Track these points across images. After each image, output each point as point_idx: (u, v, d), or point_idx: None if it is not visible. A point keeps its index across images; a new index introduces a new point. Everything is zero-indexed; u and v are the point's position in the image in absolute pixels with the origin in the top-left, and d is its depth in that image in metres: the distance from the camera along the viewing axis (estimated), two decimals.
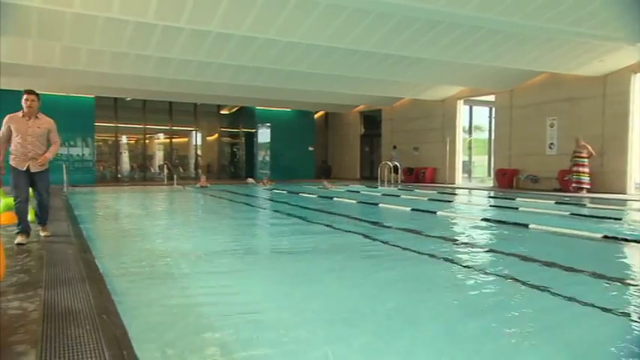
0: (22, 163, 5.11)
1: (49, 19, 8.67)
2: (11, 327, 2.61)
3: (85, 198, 11.82)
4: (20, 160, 5.11)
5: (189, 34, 9.71)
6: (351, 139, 22.88)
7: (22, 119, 5.14)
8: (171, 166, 18.78)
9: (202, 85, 15.28)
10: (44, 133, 5.24)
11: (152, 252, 5.20)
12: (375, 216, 8.54)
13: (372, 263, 4.79)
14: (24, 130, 5.10)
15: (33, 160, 5.15)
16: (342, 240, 6.07)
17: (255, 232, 7.12)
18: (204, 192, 14.23)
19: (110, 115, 19.10)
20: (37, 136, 5.17)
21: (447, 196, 12.73)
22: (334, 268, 4.54)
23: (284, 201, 11.18)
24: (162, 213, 9.92)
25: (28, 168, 5.13)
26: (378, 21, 9.11)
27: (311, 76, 13.87)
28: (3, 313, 2.84)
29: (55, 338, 2.47)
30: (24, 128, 5.10)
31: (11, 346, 2.35)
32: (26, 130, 5.11)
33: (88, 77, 13.92)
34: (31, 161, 5.15)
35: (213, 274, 4.22)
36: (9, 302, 3.04)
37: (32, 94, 5.16)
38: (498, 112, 16.39)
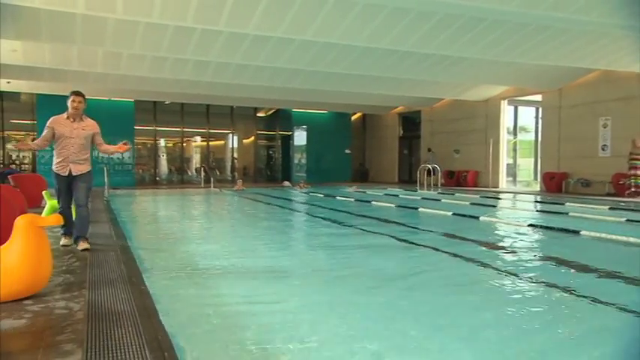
0: (63, 168, 5.01)
1: (92, 25, 9.07)
2: (58, 326, 2.74)
3: (125, 200, 12.26)
4: (62, 164, 5.01)
5: (227, 37, 9.92)
6: (389, 141, 22.69)
7: (67, 121, 5.04)
8: (208, 169, 19.20)
9: (239, 88, 15.57)
10: (88, 136, 5.12)
11: (191, 255, 5.33)
12: (415, 220, 8.43)
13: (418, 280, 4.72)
14: (68, 132, 4.99)
15: (76, 163, 5.03)
16: (379, 242, 6.03)
17: (294, 237, 7.16)
18: (240, 195, 14.47)
19: (149, 118, 19.74)
20: (81, 139, 5.06)
21: (490, 200, 12.41)
22: (377, 279, 4.50)
23: (321, 205, 11.21)
24: (201, 216, 10.15)
25: (70, 172, 5.01)
26: (418, 20, 9.02)
27: (348, 77, 13.88)
28: (50, 312, 2.98)
29: (99, 338, 2.57)
30: (68, 130, 5.00)
31: (59, 344, 2.46)
32: (70, 133, 5.00)
33: (128, 81, 14.47)
34: (73, 164, 5.02)
35: (253, 280, 4.27)
36: (56, 302, 3.20)
37: (79, 95, 5.06)
38: (546, 112, 15.85)
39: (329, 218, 8.56)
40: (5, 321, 2.81)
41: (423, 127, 20.64)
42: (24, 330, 2.70)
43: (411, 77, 13.62)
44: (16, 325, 2.75)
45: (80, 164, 5.07)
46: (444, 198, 12.81)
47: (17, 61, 11.52)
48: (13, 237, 3.26)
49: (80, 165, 5.07)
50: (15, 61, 11.48)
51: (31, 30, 9.01)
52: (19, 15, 8.31)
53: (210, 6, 8.18)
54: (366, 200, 12.08)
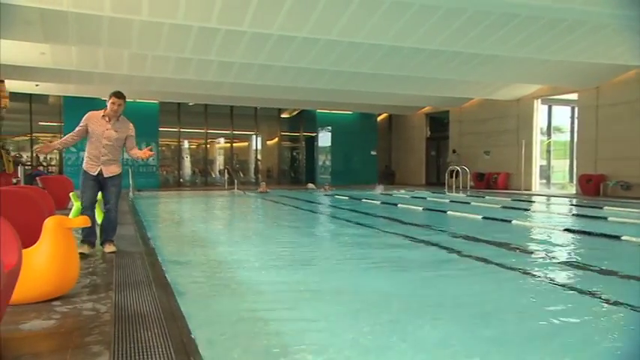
0: (93, 167, 4.89)
1: (118, 27, 9.30)
2: (86, 327, 2.81)
3: (150, 202, 12.52)
4: (93, 164, 4.90)
5: (251, 37, 10.03)
6: (416, 142, 22.50)
7: (102, 120, 4.90)
8: (231, 171, 19.42)
9: (263, 89, 15.70)
10: (122, 138, 4.98)
11: (216, 258, 5.41)
12: (444, 224, 8.33)
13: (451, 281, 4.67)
14: (100, 131, 4.87)
15: (106, 164, 4.92)
16: (413, 251, 5.98)
17: (321, 243, 7.15)
18: (264, 197, 14.58)
19: (173, 120, 20.10)
20: (114, 140, 4.92)
21: (522, 203, 12.16)
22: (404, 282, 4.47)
23: (346, 207, 11.20)
24: (225, 219, 10.28)
25: (100, 173, 4.90)
26: (447, 17, 8.92)
27: (374, 77, 13.83)
28: (78, 314, 3.07)
29: (126, 340, 2.62)
30: (100, 130, 4.87)
31: (87, 346, 2.53)
32: (102, 132, 4.87)
33: (152, 83, 14.78)
34: (104, 165, 4.91)
35: (278, 286, 4.29)
36: (83, 303, 3.28)
37: (120, 97, 4.89)
38: (582, 112, 15.44)
39: (358, 222, 8.54)
40: (35, 321, 2.91)
41: (452, 127, 20.39)
42: (53, 331, 2.78)
43: (439, 77, 13.49)
44: (46, 326, 2.84)
45: (111, 165, 4.96)
46: (474, 201, 12.62)
47: (46, 64, 11.92)
48: (42, 238, 3.36)
49: (111, 166, 4.96)
50: (43, 63, 11.88)
51: (59, 33, 9.30)
52: (47, 18, 8.59)
53: (235, 6, 8.28)
54: (393, 203, 12.00)
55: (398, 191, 16.04)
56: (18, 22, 8.71)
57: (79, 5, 7.98)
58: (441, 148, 21.40)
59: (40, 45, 10.51)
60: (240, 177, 20.82)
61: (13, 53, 11.27)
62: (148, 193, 15.52)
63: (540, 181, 17.34)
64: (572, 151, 16.87)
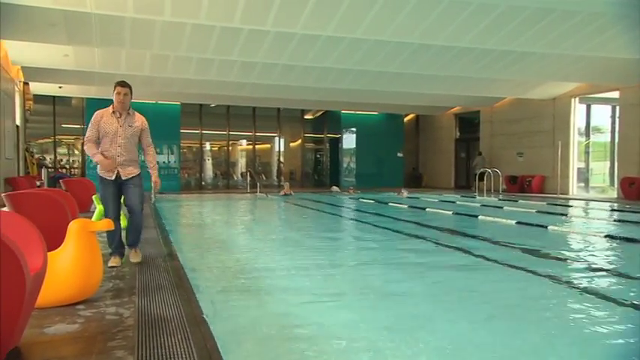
0: (110, 171, 4.62)
1: (140, 28, 9.51)
2: (110, 332, 2.88)
3: (172, 205, 12.72)
4: (108, 166, 4.62)
5: (274, 37, 10.11)
6: (445, 143, 22.28)
7: (112, 116, 4.62)
8: (254, 173, 19.59)
9: (286, 89, 15.81)
10: (136, 134, 4.72)
11: (239, 262, 5.46)
12: (474, 229, 8.22)
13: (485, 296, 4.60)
14: (113, 129, 4.58)
15: (124, 165, 4.64)
16: (443, 258, 5.92)
17: (347, 248, 7.15)
18: (287, 200, 14.66)
19: (195, 121, 20.40)
20: (129, 137, 4.65)
21: (559, 208, 11.90)
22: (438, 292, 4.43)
23: (372, 211, 11.16)
24: (248, 222, 10.37)
25: (118, 176, 4.63)
26: (478, 13, 8.82)
27: (401, 76, 13.77)
28: (102, 318, 3.14)
29: (149, 345, 2.67)
30: (114, 128, 4.59)
31: (111, 350, 2.59)
32: (116, 130, 4.59)
33: (174, 84, 15.05)
34: (121, 167, 4.63)
35: (303, 291, 4.30)
36: (107, 307, 3.36)
37: (125, 85, 4.66)
38: (624, 111, 15.02)
39: (384, 227, 8.50)
40: (59, 325, 2.99)
41: (482, 128, 20.11)
42: (77, 335, 2.85)
43: (469, 75, 13.32)
44: (70, 330, 2.92)
45: (129, 166, 4.67)
46: (507, 205, 12.41)
47: (69, 66, 12.27)
48: (66, 241, 3.45)
49: (129, 167, 4.67)
50: (67, 65, 12.23)
51: (82, 34, 9.56)
52: (71, 20, 8.84)
53: (258, 6, 8.37)
54: (421, 207, 11.91)
55: (403, 195, 15.87)
56: (42, 25, 9.00)
57: (102, 6, 8.19)
58: (471, 150, 21.12)
59: (63, 47, 10.82)
60: (262, 180, 20.97)
61: (37, 56, 11.67)
62: (169, 196, 15.78)
63: (578, 185, 16.92)
64: (613, 153, 16.43)
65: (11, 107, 12.36)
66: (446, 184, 21.61)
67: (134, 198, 4.72)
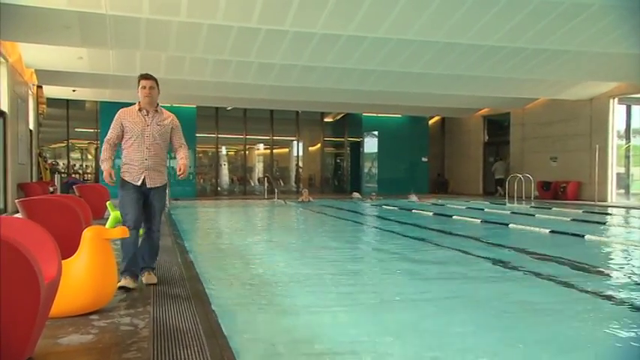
0: (136, 176, 4.21)
1: (156, 29, 9.66)
2: (124, 343, 2.91)
3: (187, 212, 12.86)
4: (135, 171, 4.22)
5: (293, 37, 10.16)
6: (473, 147, 22.05)
7: (139, 114, 4.28)
8: (271, 179, 19.67)
9: (305, 92, 15.87)
10: (167, 132, 4.36)
11: (257, 272, 5.48)
12: (504, 238, 8.10)
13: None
14: (141, 128, 4.23)
15: (151, 171, 4.25)
16: (471, 268, 5.85)
17: (368, 258, 7.11)
18: (306, 207, 14.67)
19: (211, 125, 20.61)
20: (158, 137, 4.29)
21: (596, 216, 11.65)
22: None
23: (395, 219, 11.09)
24: (266, 230, 10.42)
25: (144, 182, 4.23)
26: (508, 10, 8.73)
27: (425, 77, 13.69)
28: (116, 329, 3.18)
29: (165, 358, 2.70)
30: (141, 127, 4.23)
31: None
32: (144, 129, 4.23)
33: (190, 86, 15.23)
34: (148, 173, 4.23)
35: (323, 302, 4.29)
36: (121, 318, 3.40)
37: (150, 78, 4.30)
38: None
39: (407, 235, 8.44)
40: (73, 336, 3.03)
41: (513, 131, 19.85)
42: (91, 346, 2.89)
43: (499, 75, 13.17)
44: (84, 341, 2.96)
45: (157, 173, 4.30)
46: (539, 212, 12.22)
47: (83, 69, 12.53)
48: (80, 249, 3.51)
49: (156, 174, 4.30)
50: (81, 68, 12.49)
51: (97, 36, 9.76)
52: (85, 21, 9.03)
53: (276, 5, 8.44)
54: (447, 214, 11.80)
55: (418, 200, 15.74)
56: (56, 27, 9.21)
57: (117, 7, 8.36)
58: (501, 154, 20.87)
59: (77, 49, 11.07)
60: (280, 185, 21.04)
61: (51, 58, 11.95)
62: (184, 202, 15.95)
63: (617, 191, 16.53)
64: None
65: (25, 111, 12.67)
66: (473, 191, 21.37)
67: (156, 212, 4.34)
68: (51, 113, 17.19)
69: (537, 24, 9.20)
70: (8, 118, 10.56)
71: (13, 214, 9.27)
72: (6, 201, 10.35)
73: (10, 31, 9.34)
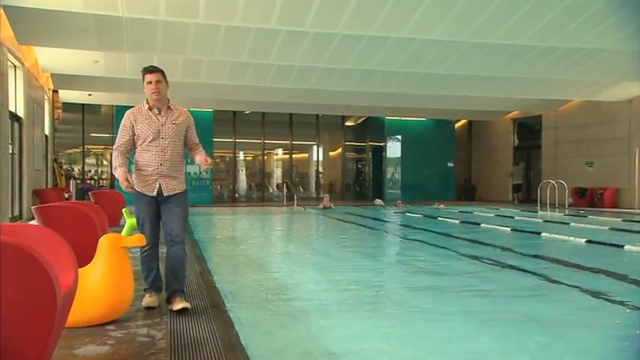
0: (150, 184, 3.90)
1: (173, 32, 9.81)
2: (141, 355, 2.95)
3: (204, 219, 12.97)
4: (148, 179, 3.90)
5: (313, 38, 10.20)
6: (502, 152, 21.80)
7: (149, 114, 3.96)
8: (290, 185, 19.73)
9: (325, 94, 15.91)
10: (182, 132, 4.04)
11: (277, 282, 5.49)
12: (537, 248, 7.97)
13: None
14: (153, 129, 3.90)
15: (168, 177, 3.92)
16: (500, 280, 5.77)
17: (392, 269, 7.06)
18: (327, 214, 14.67)
19: (228, 129, 20.80)
20: (173, 138, 3.96)
21: (636, 225, 11.38)
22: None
23: (420, 227, 11.00)
24: (285, 238, 10.44)
25: (160, 191, 3.91)
26: (540, 7, 8.63)
27: (451, 78, 13.60)
28: (133, 340, 3.22)
29: None
30: (153, 128, 3.91)
31: None
32: (157, 131, 3.91)
33: (207, 90, 15.41)
34: (164, 180, 3.91)
35: (340, 317, 4.27)
36: (138, 328, 3.44)
37: (155, 71, 3.98)
38: None
39: (433, 244, 8.38)
40: (89, 347, 3.08)
41: (545, 135, 19.57)
42: (107, 357, 2.93)
43: (530, 76, 13.02)
44: (100, 352, 3.00)
45: (174, 179, 3.97)
46: (574, 221, 12.00)
47: (99, 73, 12.79)
48: (96, 258, 3.57)
49: (173, 180, 3.97)
50: (97, 72, 12.75)
51: (113, 39, 9.96)
52: (102, 24, 9.22)
53: (296, 5, 8.49)
54: (474, 222, 11.67)
55: (442, 207, 15.57)
56: (72, 30, 9.42)
57: (134, 10, 8.51)
58: (532, 159, 20.60)
59: (93, 53, 11.30)
60: (299, 192, 21.09)
61: (67, 62, 12.22)
62: (201, 209, 16.09)
63: None
64: None
65: (41, 116, 12.97)
66: (502, 197, 21.10)
67: (176, 222, 3.91)
68: (66, 118, 17.56)
69: (571, 22, 9.08)
70: (24, 123, 10.82)
71: (28, 220, 9.48)
72: (21, 207, 10.59)
73: (26, 35, 9.61)
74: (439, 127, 22.23)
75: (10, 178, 9.69)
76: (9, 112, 9.39)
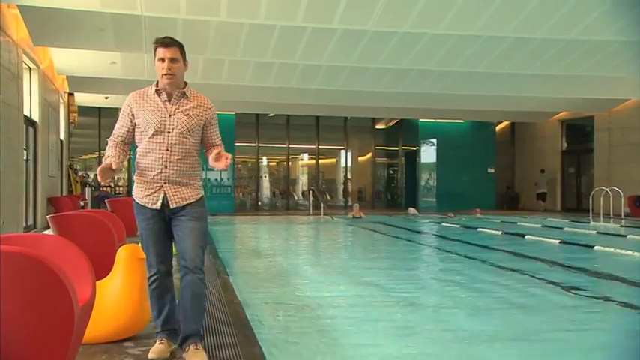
0: (153, 194, 3.19)
1: (193, 31, 9.97)
2: None
3: (226, 229, 13.08)
4: (149, 187, 3.21)
5: (341, 35, 10.24)
6: (548, 157, 21.43)
7: (155, 99, 3.28)
8: (317, 192, 19.75)
9: (354, 96, 15.92)
10: (196, 128, 3.25)
11: (302, 299, 5.49)
12: (590, 263, 7.79)
13: None
14: (156, 121, 3.19)
15: (174, 185, 3.19)
16: (548, 298, 5.66)
17: (428, 285, 6.97)
18: (356, 224, 14.62)
19: (251, 133, 20.94)
20: (183, 133, 3.20)
21: None
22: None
23: (459, 239, 10.88)
24: (312, 250, 10.45)
25: (165, 203, 3.18)
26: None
27: (492, 77, 13.48)
28: None
29: None
30: (156, 118, 3.20)
31: None
32: (161, 122, 3.19)
33: (228, 92, 15.58)
34: (170, 187, 3.18)
35: (370, 336, 4.25)
36: None
37: (172, 45, 3.23)
38: None
39: (471, 257, 8.27)
40: None
41: (597, 137, 19.16)
42: None
43: (580, 73, 12.79)
44: None
45: (184, 185, 3.23)
46: (632, 233, 11.69)
47: (116, 74, 13.07)
48: (114, 270, 3.62)
49: (183, 188, 3.22)
50: (114, 74, 13.03)
51: (131, 39, 10.18)
52: (120, 24, 9.44)
53: (324, 1, 8.53)
54: (519, 234, 11.49)
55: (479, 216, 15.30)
56: (90, 30, 9.68)
57: (153, 8, 8.69)
58: (582, 165, 20.20)
59: (111, 54, 11.56)
60: (326, 200, 21.09)
61: (83, 64, 12.54)
62: (222, 217, 16.23)
63: None
64: None
65: (56, 120, 13.31)
66: (549, 206, 20.71)
67: (190, 242, 3.17)
68: (82, 122, 17.95)
69: (627, 13, 8.88)
70: (39, 128, 11.12)
71: (43, 230, 9.72)
72: (36, 216, 10.85)
73: (42, 35, 9.90)
74: (478, 129, 22.01)
75: (25, 186, 9.95)
76: (24, 117, 9.67)
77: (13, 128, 8.78)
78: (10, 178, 8.57)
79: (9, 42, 8.53)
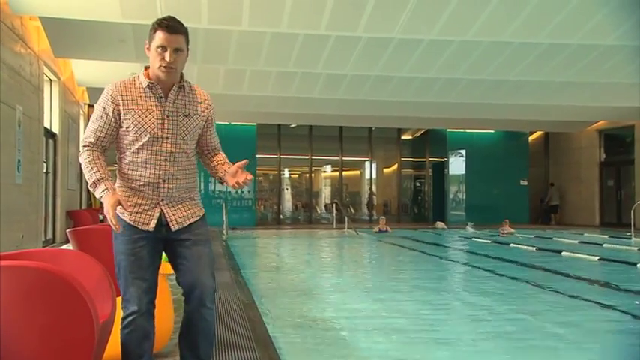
0: (146, 212, 2.69)
1: (214, 41, 10.12)
2: None
3: (247, 243, 13.16)
4: (143, 204, 2.70)
5: (366, 44, 10.28)
6: (585, 168, 21.10)
7: (147, 95, 2.70)
8: (340, 205, 19.74)
9: (379, 105, 15.91)
10: (196, 129, 2.78)
11: (325, 316, 5.48)
12: (632, 282, 7.62)
13: None
14: (152, 123, 2.65)
15: (174, 201, 2.72)
16: (590, 321, 5.55)
17: (456, 306, 6.90)
18: (382, 239, 14.55)
19: (273, 145, 21.09)
20: (184, 139, 2.72)
21: None
22: None
23: (486, 253, 10.75)
24: (336, 266, 10.43)
25: (162, 223, 2.70)
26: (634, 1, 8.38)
27: (524, 85, 13.37)
28: None
29: None
30: (152, 119, 2.65)
31: None
32: (160, 125, 2.66)
33: (250, 102, 15.73)
34: (169, 207, 2.71)
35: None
36: None
37: (177, 32, 2.67)
38: None
39: (503, 274, 8.17)
40: None
41: (638, 148, 18.82)
42: None
43: (619, 80, 12.57)
44: None
45: (184, 202, 2.77)
46: None
47: None
48: None
49: (186, 205, 2.78)
50: None
51: None
52: (140, 34, 9.62)
53: (348, 8, 8.58)
54: (554, 250, 11.32)
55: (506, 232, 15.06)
56: (110, 41, 9.90)
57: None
58: (623, 177, 19.84)
59: (130, 65, 11.76)
60: (350, 213, 21.05)
61: (103, 75, 12.78)
62: (243, 231, 16.32)
63: None
64: None
65: (76, 132, 13.59)
66: (587, 221, 20.36)
67: (203, 270, 2.72)
68: None
69: None
70: (59, 140, 11.36)
71: (62, 244, 9.90)
72: (55, 230, 11.05)
73: (63, 47, 10.14)
74: (510, 140, 21.82)
75: (44, 199, 10.15)
76: (44, 129, 9.90)
77: (34, 141, 8.98)
78: (31, 192, 8.75)
79: (30, 54, 8.77)
